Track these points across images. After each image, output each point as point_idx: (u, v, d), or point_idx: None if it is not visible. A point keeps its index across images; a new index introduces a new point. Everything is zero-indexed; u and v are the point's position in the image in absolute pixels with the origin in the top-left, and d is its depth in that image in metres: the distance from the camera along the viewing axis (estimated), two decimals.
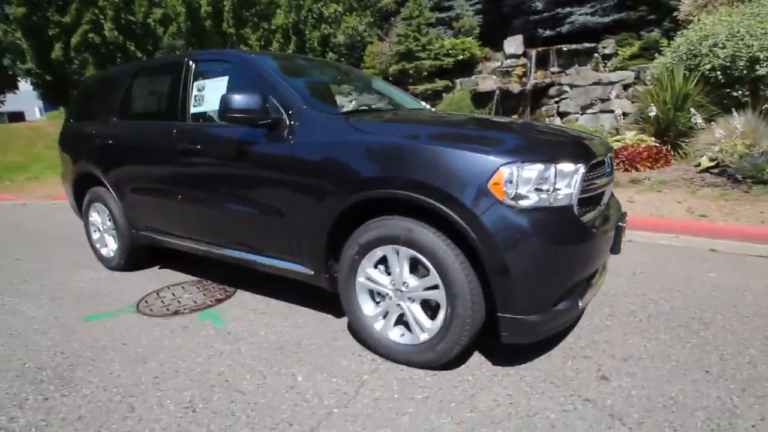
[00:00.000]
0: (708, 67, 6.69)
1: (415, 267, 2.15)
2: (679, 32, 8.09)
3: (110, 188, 3.61)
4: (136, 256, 3.81)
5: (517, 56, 12.70)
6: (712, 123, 5.77)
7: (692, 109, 5.93)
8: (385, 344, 2.28)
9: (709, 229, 4.20)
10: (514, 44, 12.85)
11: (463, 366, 2.23)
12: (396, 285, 2.19)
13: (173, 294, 3.34)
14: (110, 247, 3.90)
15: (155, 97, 3.43)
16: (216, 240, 3.01)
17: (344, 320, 2.78)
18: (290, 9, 16.57)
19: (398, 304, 2.21)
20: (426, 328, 2.14)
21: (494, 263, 1.89)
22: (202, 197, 2.93)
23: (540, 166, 1.91)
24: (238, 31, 16.38)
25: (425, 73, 13.39)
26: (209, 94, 2.95)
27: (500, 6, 14.87)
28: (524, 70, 12.57)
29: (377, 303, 2.33)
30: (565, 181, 1.96)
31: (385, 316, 2.29)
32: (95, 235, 4.05)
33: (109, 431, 1.87)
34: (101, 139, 3.61)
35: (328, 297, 2.70)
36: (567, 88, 11.17)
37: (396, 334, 2.26)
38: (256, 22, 16.31)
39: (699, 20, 7.27)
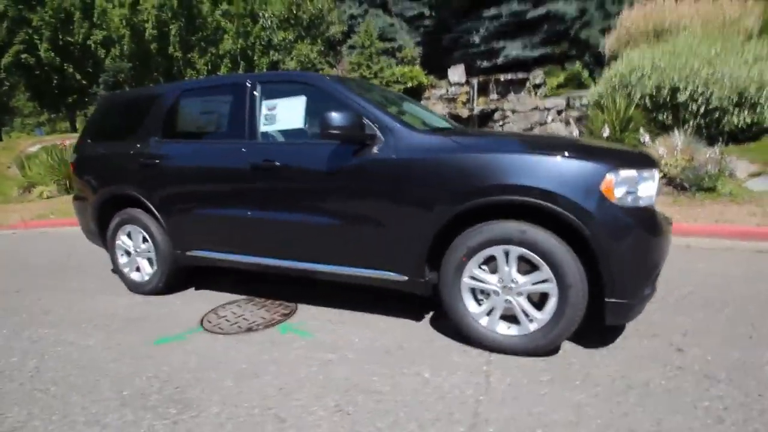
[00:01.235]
0: (638, 95, 7.68)
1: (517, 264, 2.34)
2: (605, 65, 9.18)
3: (154, 209, 3.40)
4: (175, 278, 3.59)
5: (460, 84, 13.54)
6: (655, 141, 6.62)
7: (641, 129, 6.76)
8: (493, 337, 2.42)
9: (677, 229, 4.83)
10: (457, 73, 13.70)
11: (561, 352, 2.43)
12: (504, 282, 2.36)
13: (233, 312, 3.20)
14: (145, 270, 3.64)
15: (212, 116, 3.32)
16: (291, 254, 2.96)
17: (427, 323, 2.87)
18: (238, 35, 16.31)
19: (506, 299, 2.37)
20: (536, 318, 2.32)
21: (606, 255, 2.13)
22: (281, 212, 2.89)
23: (634, 173, 2.20)
24: (185, 55, 15.78)
25: None
26: (282, 113, 2.94)
27: (440, 38, 15.79)
28: (467, 96, 13.43)
29: (479, 301, 2.48)
30: (648, 184, 2.27)
31: (489, 313, 2.44)
32: (122, 260, 3.74)
33: None
34: (143, 159, 3.40)
35: (393, 303, 2.83)
36: (509, 113, 12.09)
37: (503, 328, 2.41)
38: (203, 47, 15.81)
39: (626, 55, 8.31)
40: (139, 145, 3.49)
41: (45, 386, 2.36)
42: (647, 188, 2.26)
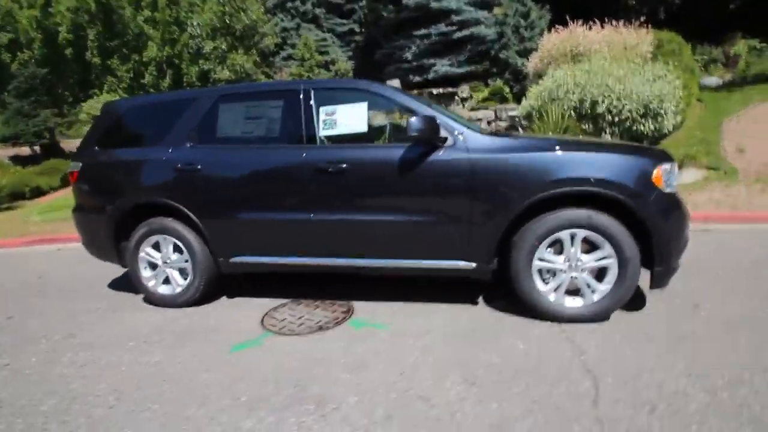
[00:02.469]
0: (565, 107, 8.69)
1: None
2: (530, 82, 10.23)
3: (194, 216, 3.18)
4: (211, 287, 3.38)
5: None
6: None
7: (581, 136, 7.69)
8: (561, 310, 2.71)
9: None
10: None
11: (613, 317, 2.78)
12: (571, 261, 2.67)
13: (290, 314, 3.13)
14: (177, 281, 3.36)
15: (258, 121, 3.20)
16: (357, 252, 2.99)
17: (483, 306, 3.08)
18: (163, 43, 15.21)
19: (572, 276, 2.68)
20: (598, 290, 2.66)
21: (657, 232, 2.53)
22: (351, 213, 2.91)
23: (668, 165, 2.65)
24: (104, 62, 14.30)
25: None
26: (343, 118, 2.97)
27: (372, 53, 16.21)
28: None
29: (545, 280, 2.76)
30: (674, 174, 2.73)
31: (556, 289, 2.73)
32: (146, 273, 3.42)
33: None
34: (179, 165, 3.17)
35: (437, 292, 3.15)
36: None
37: (569, 301, 2.72)
38: (125, 54, 14.46)
39: (552, 73, 9.35)
40: (171, 151, 3.25)
41: (143, 405, 2.15)
42: (674, 177, 2.72)
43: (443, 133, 2.75)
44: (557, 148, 2.68)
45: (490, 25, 14.05)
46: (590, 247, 2.66)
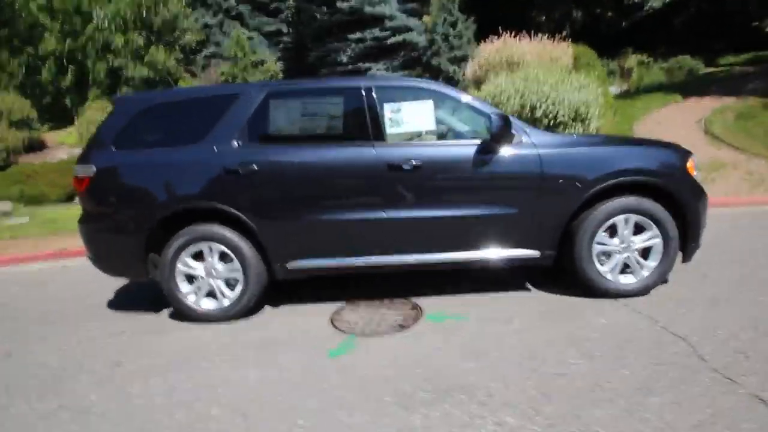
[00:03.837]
0: (508, 110, 9.48)
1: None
2: (468, 88, 10.95)
3: (249, 220, 2.95)
4: (262, 296, 3.17)
5: None
6: None
7: None
8: (616, 287, 3.05)
9: None
10: None
11: (653, 293, 3.18)
12: (625, 242, 3.02)
13: (359, 317, 3.06)
14: (226, 293, 3.08)
15: (316, 119, 3.06)
16: (426, 248, 3.03)
17: (539, 291, 3.32)
18: (63, 35, 13.36)
19: (626, 256, 3.04)
20: (647, 266, 3.05)
21: (692, 214, 2.99)
22: (420, 210, 2.95)
23: (695, 156, 3.14)
24: None
25: None
26: (409, 116, 3.00)
27: (305, 55, 15.96)
28: None
29: (601, 262, 3.08)
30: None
31: (612, 270, 3.07)
32: (184, 287, 3.08)
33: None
34: (230, 165, 2.92)
35: (480, 282, 3.36)
36: None
37: (623, 278, 3.07)
38: (17, 46, 12.39)
39: (493, 80, 10.12)
40: (217, 151, 2.98)
41: (290, 420, 1.99)
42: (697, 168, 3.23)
43: (514, 132, 2.94)
44: (609, 143, 3.03)
45: (421, 32, 14.68)
46: (638, 229, 3.05)
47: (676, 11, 13.87)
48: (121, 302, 3.71)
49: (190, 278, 3.12)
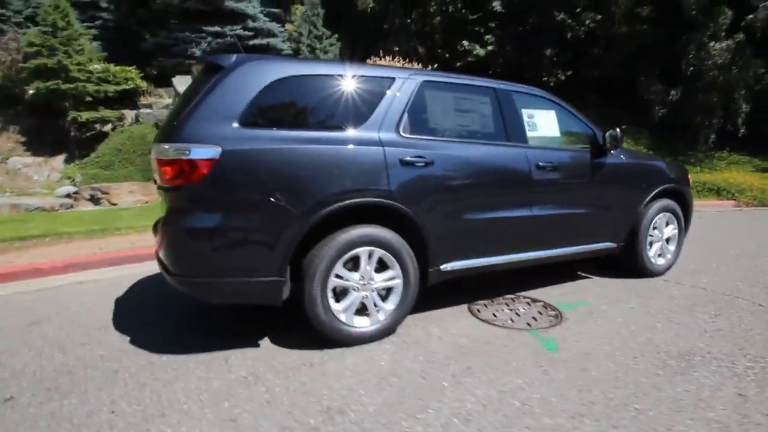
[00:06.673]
0: None
1: None
2: None
3: (417, 221, 2.57)
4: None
5: None
6: None
7: None
8: (658, 269, 3.91)
9: None
10: (184, 83, 12.26)
11: (678, 279, 4.15)
12: (663, 234, 3.92)
13: (507, 316, 3.01)
14: (381, 307, 2.55)
15: (468, 116, 2.84)
16: (550, 244, 3.25)
17: (604, 278, 3.90)
18: None
19: (661, 245, 3.94)
20: (671, 251, 4.02)
21: (689, 210, 4.11)
22: (554, 208, 3.19)
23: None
24: None
25: (89, 99, 10.33)
26: (541, 123, 3.19)
27: (134, 39, 13.36)
28: None
29: (650, 244, 3.88)
30: None
31: (659, 255, 3.92)
32: (336, 305, 2.42)
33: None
34: (403, 156, 2.48)
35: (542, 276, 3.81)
36: None
37: (659, 261, 3.95)
38: None
39: None
40: (384, 139, 2.51)
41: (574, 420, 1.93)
42: None
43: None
44: (658, 159, 3.93)
45: (285, 39, 14.25)
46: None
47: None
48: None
49: (341, 291, 2.52)
